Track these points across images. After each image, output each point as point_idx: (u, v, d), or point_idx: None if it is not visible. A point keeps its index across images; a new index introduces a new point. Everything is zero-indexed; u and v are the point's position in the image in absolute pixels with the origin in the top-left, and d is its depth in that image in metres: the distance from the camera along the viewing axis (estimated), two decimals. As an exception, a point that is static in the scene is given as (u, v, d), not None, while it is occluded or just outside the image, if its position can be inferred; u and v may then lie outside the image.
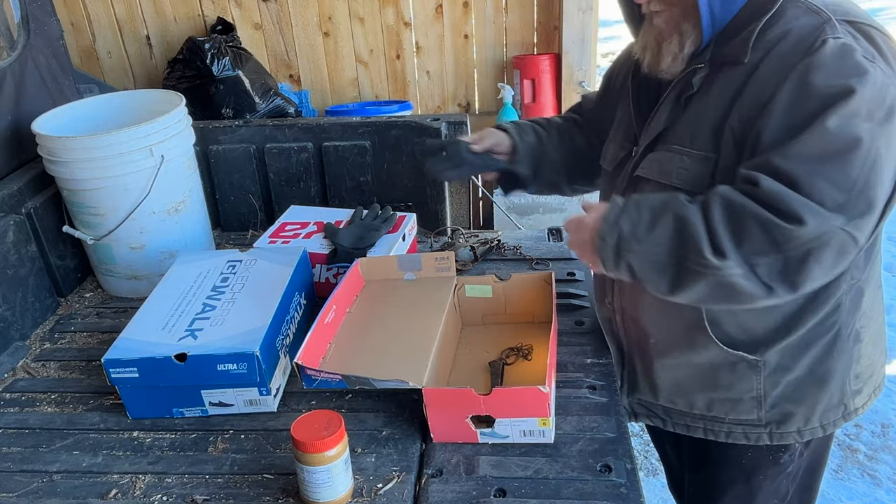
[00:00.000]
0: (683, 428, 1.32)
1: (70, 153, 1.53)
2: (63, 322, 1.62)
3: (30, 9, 1.81)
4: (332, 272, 1.59)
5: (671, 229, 1.01)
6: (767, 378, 1.21)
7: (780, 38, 1.03)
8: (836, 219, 0.94)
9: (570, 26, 2.82)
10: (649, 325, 1.26)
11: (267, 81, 2.93)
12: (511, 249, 1.75)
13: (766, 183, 0.96)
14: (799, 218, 0.94)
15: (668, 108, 1.15)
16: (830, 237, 0.95)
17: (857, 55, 0.97)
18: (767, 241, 0.95)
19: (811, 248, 0.95)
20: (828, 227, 0.94)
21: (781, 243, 0.95)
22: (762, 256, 0.96)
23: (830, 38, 0.98)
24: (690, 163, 1.10)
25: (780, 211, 0.95)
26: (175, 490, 1.10)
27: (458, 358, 1.35)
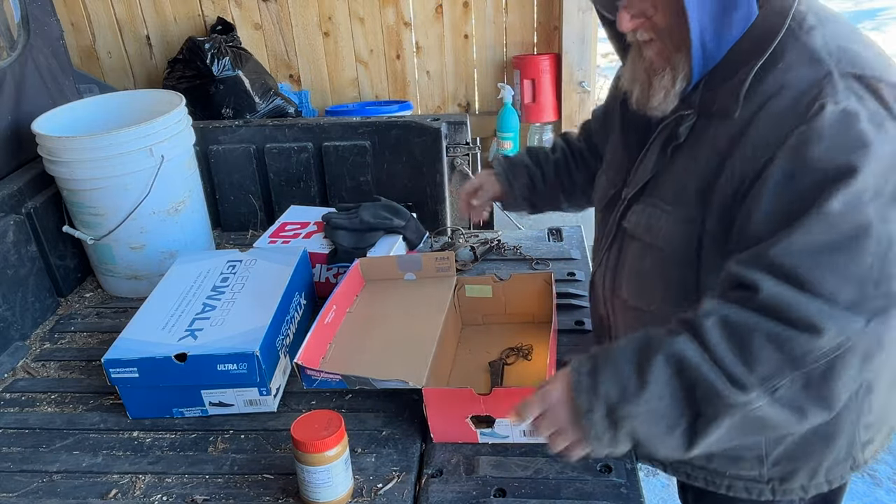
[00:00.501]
0: (684, 476, 1.20)
1: (70, 153, 1.53)
2: (63, 322, 1.62)
3: (30, 9, 1.81)
4: (332, 272, 1.59)
5: (668, 375, 0.86)
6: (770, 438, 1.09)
7: (774, 92, 0.91)
8: (855, 320, 0.81)
9: (570, 26, 2.82)
10: None
11: (267, 81, 2.93)
12: (511, 249, 1.75)
13: (767, 288, 0.83)
14: (815, 326, 0.81)
15: (654, 155, 1.04)
16: (854, 343, 0.82)
17: (860, 124, 0.84)
18: (783, 359, 0.82)
19: (834, 359, 0.82)
20: (849, 331, 0.81)
21: (799, 358, 0.82)
22: (778, 378, 0.83)
23: (830, 102, 0.85)
24: (674, 224, 1.00)
25: (790, 320, 0.82)
26: (175, 490, 1.10)
27: (458, 358, 1.35)
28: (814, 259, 0.82)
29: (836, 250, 0.82)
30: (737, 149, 0.92)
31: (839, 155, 0.83)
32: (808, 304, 0.81)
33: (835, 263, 0.82)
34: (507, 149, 2.97)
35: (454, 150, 1.93)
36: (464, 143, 1.94)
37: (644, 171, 1.06)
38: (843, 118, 0.84)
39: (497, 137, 3.00)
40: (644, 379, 0.87)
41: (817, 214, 0.82)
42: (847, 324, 0.81)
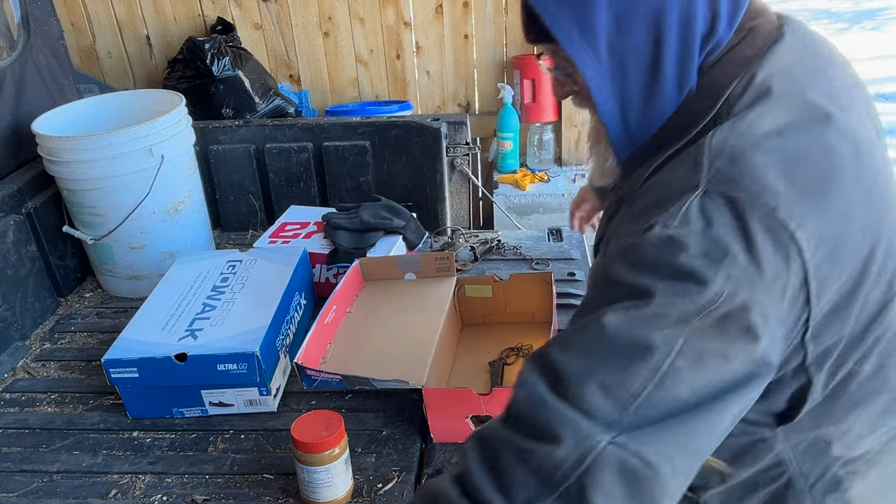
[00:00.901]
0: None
1: (70, 153, 1.53)
2: (63, 322, 1.62)
3: (30, 9, 1.81)
4: (332, 272, 1.59)
5: None
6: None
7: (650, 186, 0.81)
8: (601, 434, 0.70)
9: (570, 26, 2.82)
10: None
11: (267, 81, 2.93)
12: (511, 249, 1.75)
13: (518, 397, 0.74)
14: (554, 434, 0.70)
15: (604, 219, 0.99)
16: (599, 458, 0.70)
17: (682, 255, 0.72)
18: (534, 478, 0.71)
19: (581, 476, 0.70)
20: (590, 443, 0.70)
21: (547, 475, 0.70)
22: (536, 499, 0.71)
23: (659, 224, 0.74)
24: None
25: (535, 429, 0.72)
26: (175, 490, 1.10)
27: (458, 358, 1.35)
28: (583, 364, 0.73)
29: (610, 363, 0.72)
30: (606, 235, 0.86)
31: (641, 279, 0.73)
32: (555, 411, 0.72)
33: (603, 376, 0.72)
34: (507, 149, 2.97)
35: (454, 150, 1.93)
36: (464, 143, 1.94)
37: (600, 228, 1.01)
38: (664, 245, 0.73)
39: (497, 137, 3.00)
40: None
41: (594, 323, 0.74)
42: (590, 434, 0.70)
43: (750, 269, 0.72)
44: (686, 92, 0.83)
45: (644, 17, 0.79)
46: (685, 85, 0.82)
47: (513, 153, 2.99)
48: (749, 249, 0.72)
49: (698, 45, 0.81)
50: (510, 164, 3.01)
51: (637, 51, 0.80)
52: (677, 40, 0.80)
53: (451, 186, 1.96)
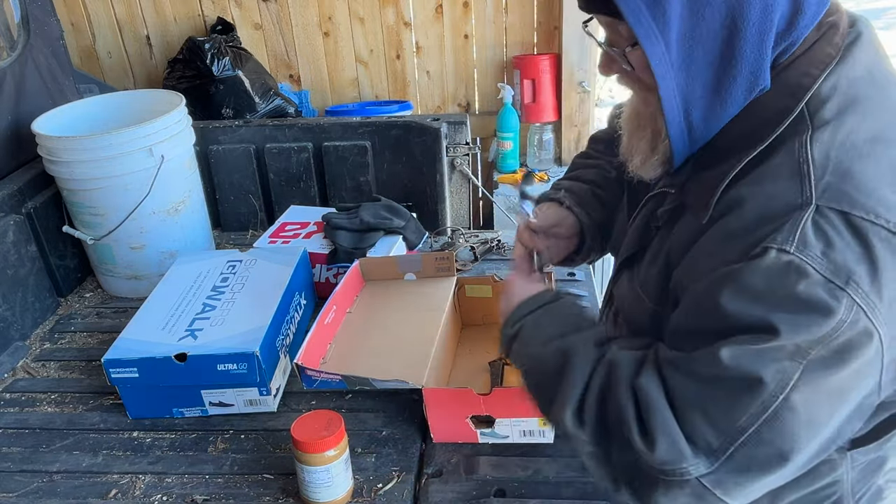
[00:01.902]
0: None
1: (70, 153, 1.53)
2: (63, 322, 1.62)
3: (30, 9, 1.81)
4: (332, 272, 1.59)
5: (558, 363, 0.84)
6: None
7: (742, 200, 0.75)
8: (696, 464, 0.72)
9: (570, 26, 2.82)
10: None
11: (267, 81, 2.93)
12: (511, 249, 1.75)
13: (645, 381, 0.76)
14: (652, 439, 0.73)
15: (638, 230, 0.94)
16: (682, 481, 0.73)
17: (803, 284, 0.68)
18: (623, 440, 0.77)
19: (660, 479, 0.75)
20: (679, 467, 0.72)
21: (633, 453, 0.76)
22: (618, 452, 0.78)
23: (774, 248, 0.69)
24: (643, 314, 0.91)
25: (642, 419, 0.75)
26: (175, 490, 1.10)
27: (458, 358, 1.35)
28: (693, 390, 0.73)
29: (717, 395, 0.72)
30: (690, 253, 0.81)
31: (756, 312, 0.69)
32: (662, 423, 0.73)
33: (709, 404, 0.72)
34: (507, 149, 2.97)
35: (454, 150, 1.93)
36: (464, 143, 1.94)
37: (632, 242, 0.96)
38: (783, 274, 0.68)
39: (497, 137, 3.00)
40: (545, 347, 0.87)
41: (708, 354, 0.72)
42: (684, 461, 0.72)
43: (873, 293, 0.68)
44: (757, 92, 0.76)
45: (720, 6, 0.72)
46: (757, 85, 0.75)
47: (513, 153, 2.99)
48: (873, 273, 0.68)
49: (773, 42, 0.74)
50: (510, 164, 3.01)
51: (709, 43, 0.74)
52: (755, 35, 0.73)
53: (451, 186, 1.96)
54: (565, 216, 1.12)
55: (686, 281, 0.79)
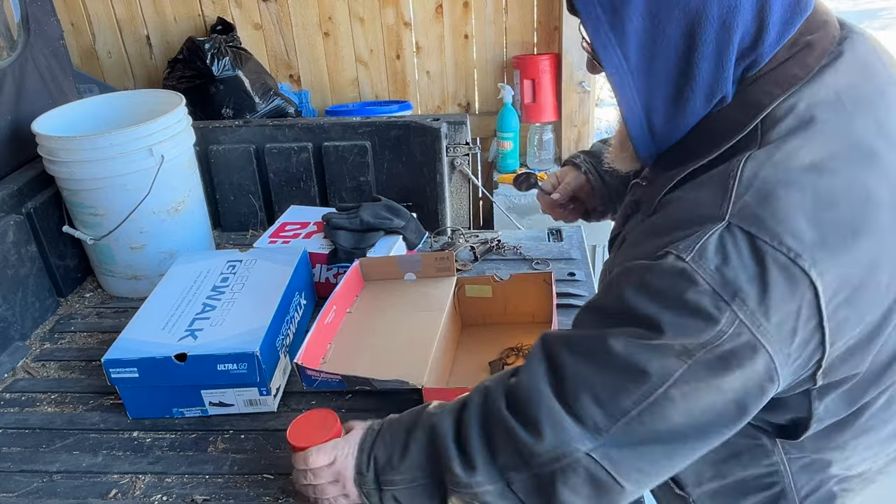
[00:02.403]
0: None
1: (70, 153, 1.53)
2: (63, 322, 1.62)
3: (30, 9, 1.81)
4: (332, 272, 1.59)
5: (423, 445, 0.87)
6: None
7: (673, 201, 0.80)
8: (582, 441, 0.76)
9: (570, 26, 2.82)
10: None
11: (267, 81, 2.93)
12: (511, 249, 1.75)
13: (522, 379, 0.80)
14: (538, 429, 0.77)
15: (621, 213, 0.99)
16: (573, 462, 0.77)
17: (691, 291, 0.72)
18: (515, 453, 0.79)
19: (555, 470, 0.78)
20: (568, 448, 0.76)
21: (526, 458, 0.79)
22: (515, 472, 0.80)
23: (674, 254, 0.73)
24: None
25: (524, 417, 0.79)
26: (175, 490, 1.10)
27: (458, 358, 1.35)
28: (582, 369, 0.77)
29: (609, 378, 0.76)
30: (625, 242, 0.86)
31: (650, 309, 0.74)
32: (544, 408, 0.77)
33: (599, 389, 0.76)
34: (507, 149, 2.97)
35: (454, 150, 1.93)
36: (464, 143, 1.93)
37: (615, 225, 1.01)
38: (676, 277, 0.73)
39: (497, 137, 3.00)
40: (406, 448, 0.89)
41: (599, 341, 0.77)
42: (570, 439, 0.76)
43: (759, 313, 0.71)
44: (716, 103, 0.79)
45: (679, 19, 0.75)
46: (715, 96, 0.79)
47: (513, 153, 2.99)
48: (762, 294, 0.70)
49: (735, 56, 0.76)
50: (510, 164, 3.01)
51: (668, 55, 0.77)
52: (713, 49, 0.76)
53: (451, 186, 1.96)
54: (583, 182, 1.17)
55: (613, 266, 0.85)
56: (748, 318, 0.71)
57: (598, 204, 1.23)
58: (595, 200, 1.22)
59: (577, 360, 0.78)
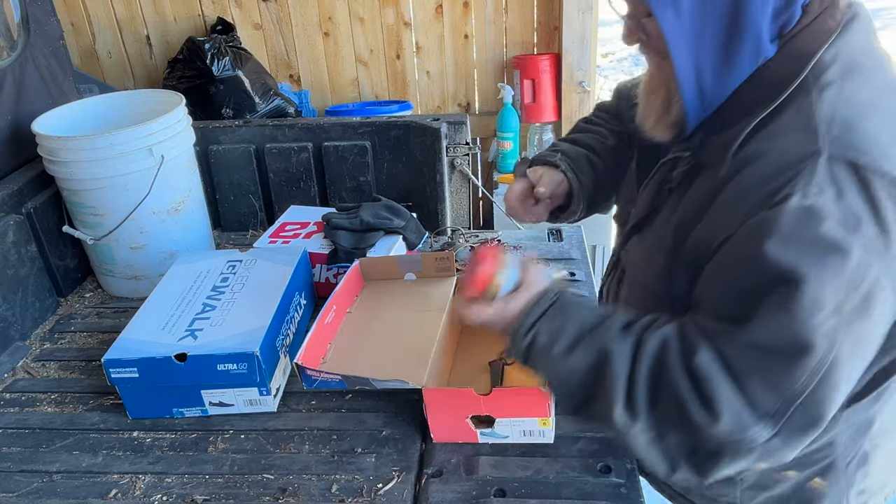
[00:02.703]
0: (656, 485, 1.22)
1: (70, 153, 1.53)
2: (63, 322, 1.62)
3: (30, 9, 1.81)
4: (332, 272, 1.59)
5: (592, 362, 0.87)
6: (745, 491, 1.08)
7: (756, 156, 0.82)
8: (761, 430, 0.79)
9: (570, 26, 2.82)
10: None
11: (267, 81, 2.93)
12: (511, 249, 1.75)
13: (702, 359, 0.80)
14: (716, 412, 0.79)
15: (651, 192, 0.99)
16: (747, 446, 0.81)
17: (822, 227, 0.74)
18: (681, 419, 0.82)
19: (723, 449, 0.82)
20: (747, 435, 0.79)
21: (693, 429, 0.82)
22: (675, 430, 0.84)
23: (798, 194, 0.75)
24: (657, 272, 0.95)
25: (701, 395, 0.80)
26: (175, 490, 1.10)
27: (458, 358, 1.35)
28: (749, 357, 0.79)
29: (773, 357, 0.78)
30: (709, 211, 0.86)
31: (790, 258, 0.75)
32: (724, 394, 0.79)
33: (767, 369, 0.78)
34: (507, 149, 2.97)
35: (454, 150, 1.93)
36: (464, 143, 1.93)
37: (642, 205, 1.01)
38: (805, 217, 0.75)
39: (497, 137, 3.00)
40: (572, 350, 0.88)
41: (762, 319, 0.77)
42: (749, 429, 0.79)
43: (879, 239, 0.74)
44: (762, 60, 0.83)
45: None
46: (760, 53, 0.83)
47: (513, 153, 2.99)
48: (876, 218, 0.74)
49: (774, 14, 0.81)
50: (510, 164, 3.01)
51: (717, 14, 0.81)
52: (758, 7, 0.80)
53: (451, 186, 1.96)
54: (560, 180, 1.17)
55: (709, 236, 0.84)
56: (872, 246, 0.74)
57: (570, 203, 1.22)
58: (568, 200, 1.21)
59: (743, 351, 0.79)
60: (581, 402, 0.90)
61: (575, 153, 1.19)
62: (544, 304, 0.92)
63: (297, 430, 1.22)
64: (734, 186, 0.83)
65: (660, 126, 0.93)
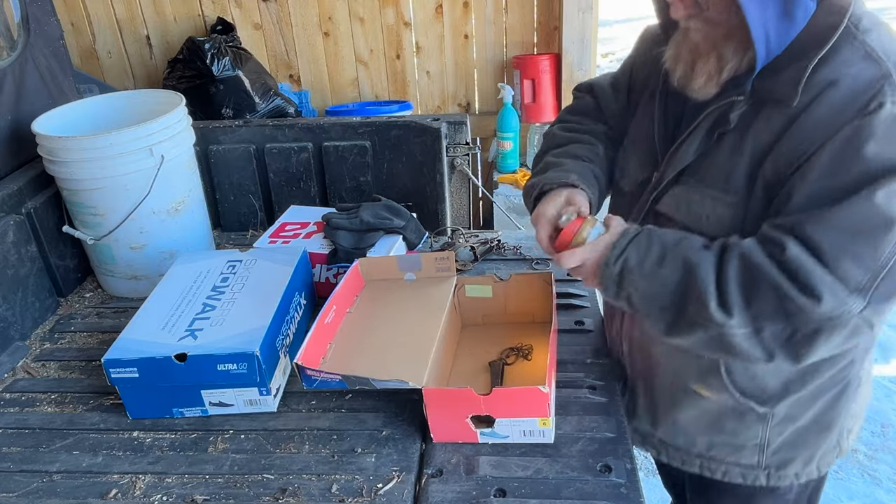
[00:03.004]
0: (678, 462, 1.30)
1: (70, 153, 1.53)
2: (63, 322, 1.62)
3: (30, 9, 1.81)
4: (332, 272, 1.59)
5: (679, 273, 0.99)
6: (774, 428, 1.18)
7: (829, 83, 0.94)
8: (855, 302, 0.91)
9: (570, 26, 2.82)
10: (660, 358, 1.23)
11: (267, 81, 2.93)
12: (511, 249, 1.75)
13: (792, 250, 0.92)
14: (817, 294, 0.90)
15: (697, 139, 1.07)
16: (845, 320, 0.92)
17: None
18: (779, 309, 0.92)
19: (822, 327, 0.92)
20: (844, 310, 0.91)
21: (793, 314, 0.92)
22: (770, 322, 0.94)
23: (889, 101, 0.90)
24: (724, 209, 1.04)
25: (798, 282, 0.91)
26: (175, 490, 1.10)
27: (458, 358, 1.35)
28: (840, 238, 0.90)
29: (862, 236, 0.89)
30: (788, 134, 0.97)
31: (889, 154, 0.88)
32: (819, 276, 0.90)
33: (856, 248, 0.89)
34: (507, 149, 2.97)
35: (454, 150, 1.93)
36: (464, 143, 1.94)
37: (685, 155, 1.08)
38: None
39: (497, 137, 3.00)
40: (661, 264, 1.00)
41: (857, 201, 0.89)
42: (846, 303, 0.90)
43: None
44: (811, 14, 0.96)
45: None
46: (809, 9, 0.96)
47: (513, 153, 2.99)
48: None
49: None
50: (510, 164, 3.01)
51: None
52: None
53: (451, 186, 1.96)
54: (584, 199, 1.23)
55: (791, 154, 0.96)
56: None
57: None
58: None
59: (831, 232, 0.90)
60: (676, 312, 1.00)
61: (582, 170, 1.24)
62: (630, 235, 1.04)
63: (297, 430, 1.22)
64: (816, 109, 0.94)
65: (710, 84, 1.03)
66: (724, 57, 1.00)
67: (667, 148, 1.13)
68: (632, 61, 1.30)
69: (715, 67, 1.02)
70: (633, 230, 1.05)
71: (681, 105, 1.12)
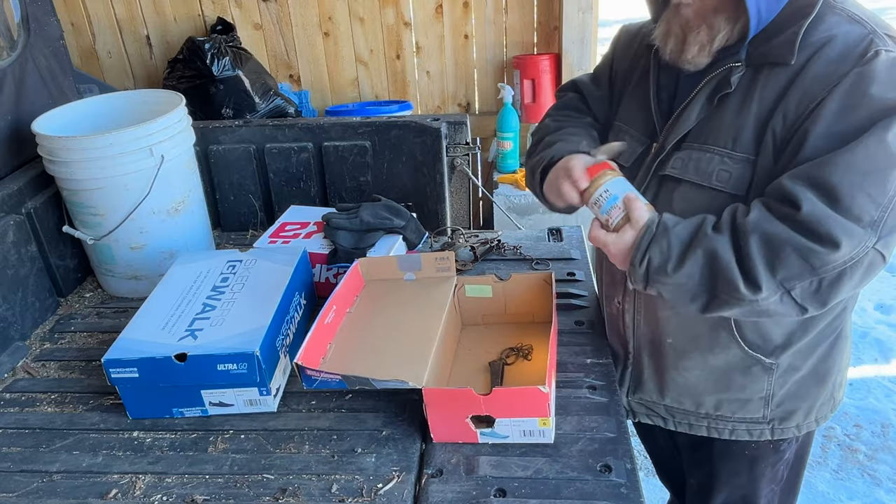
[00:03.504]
0: (686, 426, 1.34)
1: (70, 153, 1.53)
2: (63, 322, 1.62)
3: (30, 9, 1.81)
4: (332, 272, 1.59)
5: (701, 264, 1.03)
6: (777, 379, 1.24)
7: (823, 42, 1.02)
8: (869, 238, 0.96)
9: (570, 26, 2.82)
10: (668, 326, 1.26)
11: (267, 81, 2.93)
12: (511, 249, 1.75)
13: (806, 206, 0.96)
14: (836, 241, 0.95)
15: (698, 105, 1.13)
16: (863, 257, 0.98)
17: None
18: (805, 266, 0.98)
19: (845, 269, 0.98)
20: (861, 247, 0.97)
21: (818, 267, 0.98)
22: (798, 281, 0.99)
23: (883, 50, 0.98)
24: (732, 165, 1.09)
25: (817, 235, 0.96)
26: (175, 490, 1.10)
27: (458, 358, 1.35)
28: (854, 177, 0.95)
29: (873, 173, 0.94)
30: (791, 90, 1.03)
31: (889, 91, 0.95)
32: (836, 223, 0.95)
33: (868, 186, 0.95)
34: (507, 149, 2.97)
35: (454, 150, 1.93)
36: (464, 143, 1.94)
37: (686, 121, 1.14)
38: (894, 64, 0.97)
39: (497, 137, 3.00)
40: (682, 261, 1.04)
41: (868, 140, 0.94)
42: (862, 240, 0.96)
43: None
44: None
45: None
46: None
47: (513, 153, 2.99)
48: None
49: None
50: (510, 164, 3.01)
51: None
52: None
53: (451, 186, 1.96)
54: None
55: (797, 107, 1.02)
56: None
57: None
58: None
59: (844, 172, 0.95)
60: (708, 297, 1.05)
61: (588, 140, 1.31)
62: (650, 234, 1.08)
63: (297, 430, 1.22)
64: (815, 63, 1.01)
65: (702, 54, 1.09)
66: (716, 27, 1.07)
67: (665, 120, 1.19)
68: (611, 58, 1.37)
69: (707, 37, 1.08)
70: (653, 224, 1.08)
71: (673, 79, 1.19)
